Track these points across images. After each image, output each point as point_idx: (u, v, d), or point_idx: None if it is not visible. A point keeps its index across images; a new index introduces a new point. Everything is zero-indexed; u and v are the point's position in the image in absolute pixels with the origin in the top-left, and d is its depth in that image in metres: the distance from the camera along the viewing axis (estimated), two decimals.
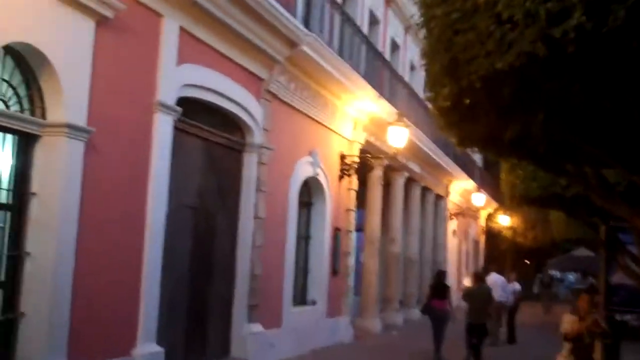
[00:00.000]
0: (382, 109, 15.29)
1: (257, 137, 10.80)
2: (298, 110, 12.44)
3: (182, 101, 8.75)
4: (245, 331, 10.53)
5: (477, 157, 35.09)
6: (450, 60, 5.94)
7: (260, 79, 10.88)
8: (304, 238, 13.65)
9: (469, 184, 28.12)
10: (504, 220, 34.74)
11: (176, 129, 8.70)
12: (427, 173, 22.36)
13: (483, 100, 6.04)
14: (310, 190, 13.81)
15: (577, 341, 8.13)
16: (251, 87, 10.62)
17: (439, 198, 25.39)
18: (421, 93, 21.73)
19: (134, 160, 7.92)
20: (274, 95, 11.37)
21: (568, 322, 8.21)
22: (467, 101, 6.18)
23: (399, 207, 19.66)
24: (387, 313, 18.83)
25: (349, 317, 15.26)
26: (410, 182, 21.19)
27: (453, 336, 13.29)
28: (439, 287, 13.47)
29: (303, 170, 12.76)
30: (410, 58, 22.57)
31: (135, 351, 7.86)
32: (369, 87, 14.28)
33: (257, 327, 10.83)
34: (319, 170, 13.34)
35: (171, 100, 8.45)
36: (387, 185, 19.11)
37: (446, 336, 13.24)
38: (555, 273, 39.41)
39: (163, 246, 8.37)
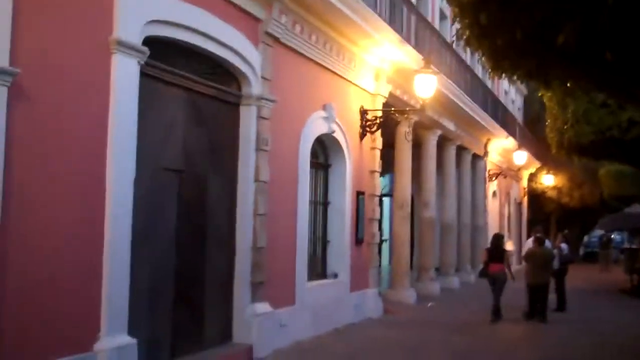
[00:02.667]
0: (407, 56, 13.54)
1: (255, 87, 9.21)
2: (307, 58, 10.79)
3: (152, 42, 7.18)
4: (250, 312, 9.05)
5: (518, 113, 33.04)
6: None
7: (256, 19, 9.25)
8: (321, 204, 12.08)
9: (509, 142, 26.18)
10: (548, 180, 32.86)
11: (146, 74, 7.16)
12: (462, 131, 20.62)
13: None
14: (326, 150, 12.23)
15: None
16: (245, 28, 9.00)
17: (477, 158, 23.63)
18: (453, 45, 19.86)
19: (85, 110, 6.37)
20: (276, 40, 9.74)
21: None
22: None
23: (431, 169, 18.10)
24: (423, 283, 17.47)
25: (377, 289, 13.73)
26: (444, 141, 19.57)
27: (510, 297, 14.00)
28: (496, 251, 13.82)
29: (316, 126, 11.14)
30: (440, 5, 20.61)
31: (99, 345, 6.42)
32: (390, 29, 12.52)
33: (264, 307, 9.34)
34: (335, 127, 11.70)
35: (134, 39, 6.86)
36: (418, 146, 17.47)
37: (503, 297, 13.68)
38: (598, 233, 37.40)
39: (134, 218, 6.88)
